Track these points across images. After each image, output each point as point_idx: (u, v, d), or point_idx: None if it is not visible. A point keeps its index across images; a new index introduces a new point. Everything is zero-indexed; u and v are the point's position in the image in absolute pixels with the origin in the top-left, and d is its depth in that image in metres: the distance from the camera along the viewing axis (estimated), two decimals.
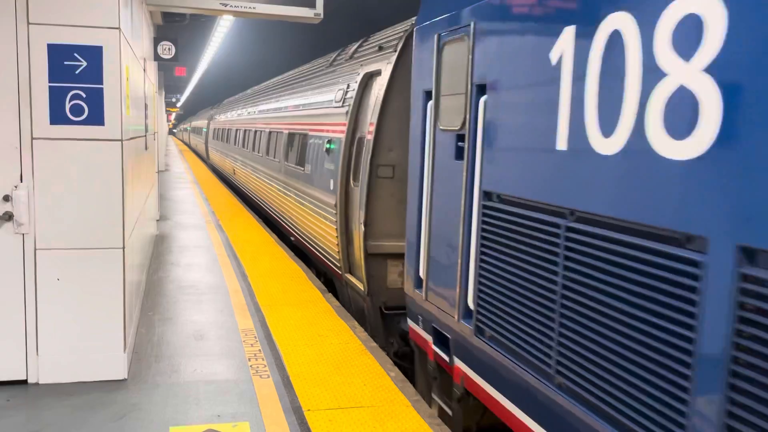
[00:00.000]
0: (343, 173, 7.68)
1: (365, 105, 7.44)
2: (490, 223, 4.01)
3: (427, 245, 4.98)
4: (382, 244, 6.94)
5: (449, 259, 4.63)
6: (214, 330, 6.26)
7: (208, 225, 12.71)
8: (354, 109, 7.62)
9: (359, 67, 7.91)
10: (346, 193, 7.66)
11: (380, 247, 6.94)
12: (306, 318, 6.78)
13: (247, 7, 6.57)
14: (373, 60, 7.49)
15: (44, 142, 4.65)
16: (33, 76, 4.58)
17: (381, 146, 6.81)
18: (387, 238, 6.94)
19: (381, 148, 6.82)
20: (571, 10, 3.28)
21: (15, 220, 4.66)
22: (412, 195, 5.32)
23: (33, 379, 4.83)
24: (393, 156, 6.86)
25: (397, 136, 6.79)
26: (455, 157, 4.49)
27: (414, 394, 4.94)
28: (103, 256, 4.83)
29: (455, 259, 4.51)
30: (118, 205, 4.84)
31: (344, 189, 7.66)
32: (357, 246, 7.25)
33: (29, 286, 4.74)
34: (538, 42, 3.54)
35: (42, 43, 4.56)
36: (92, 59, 4.64)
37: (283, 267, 9.18)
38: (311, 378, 5.18)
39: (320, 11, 6.74)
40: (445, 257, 4.71)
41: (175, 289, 7.76)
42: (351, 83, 7.99)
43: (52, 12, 4.56)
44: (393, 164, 6.88)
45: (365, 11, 16.35)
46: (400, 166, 6.81)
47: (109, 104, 4.72)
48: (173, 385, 4.92)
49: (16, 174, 4.65)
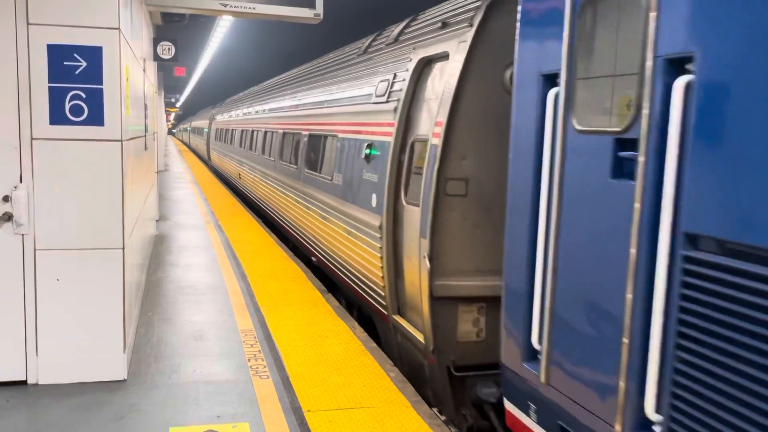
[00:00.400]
0: (392, 187, 6.14)
1: (420, 99, 5.99)
2: (704, 289, 2.50)
3: (551, 300, 3.46)
4: (453, 284, 5.25)
5: (598, 331, 3.15)
6: (213, 330, 6.26)
7: (208, 225, 12.71)
8: (405, 104, 6.10)
9: (410, 52, 6.35)
10: (394, 213, 6.13)
11: (450, 289, 5.25)
12: (306, 318, 6.77)
13: (247, 8, 6.57)
14: (434, 40, 5.90)
15: (44, 143, 4.65)
16: (33, 76, 4.57)
17: (451, 153, 5.22)
18: (458, 276, 5.28)
19: (452, 156, 5.22)
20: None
21: (14, 221, 4.66)
22: (517, 223, 3.90)
23: (32, 379, 4.83)
24: (467, 166, 5.26)
25: (473, 139, 5.25)
26: (611, 175, 3.06)
27: (414, 395, 4.94)
28: (103, 257, 4.83)
29: (614, 334, 3.02)
30: (118, 206, 4.83)
31: (392, 207, 6.13)
32: (412, 282, 5.71)
33: (29, 286, 4.74)
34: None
35: (42, 43, 4.56)
36: (92, 59, 4.64)
37: (282, 267, 9.18)
38: (311, 378, 5.18)
39: (320, 11, 6.74)
40: (588, 325, 3.22)
41: (174, 289, 7.76)
42: (398, 72, 6.46)
43: (51, 12, 4.55)
44: (466, 177, 5.25)
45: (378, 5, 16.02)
46: (476, 180, 5.29)
47: (109, 104, 4.71)
48: (173, 386, 4.92)
49: (16, 174, 4.64)
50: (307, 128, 10.01)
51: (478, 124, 5.25)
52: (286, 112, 12.12)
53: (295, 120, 11.18)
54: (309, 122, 9.99)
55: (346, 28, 18.06)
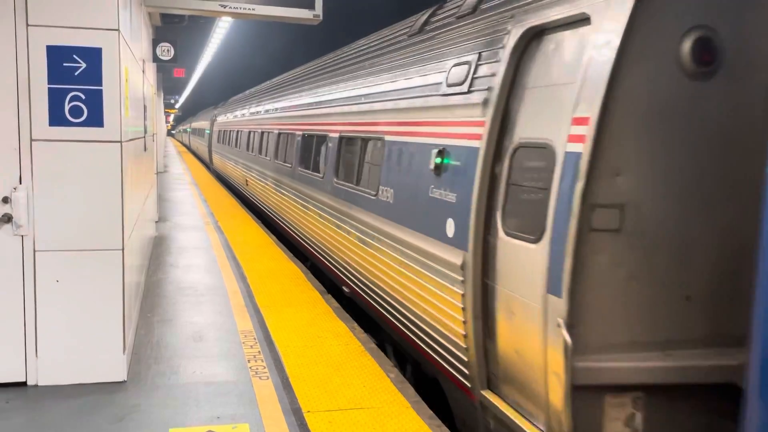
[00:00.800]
0: (481, 212, 4.45)
1: (525, 86, 4.27)
2: None
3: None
4: (600, 366, 3.59)
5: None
6: (213, 331, 6.26)
7: (207, 226, 12.71)
8: (503, 94, 4.38)
9: (506, 22, 4.59)
10: (484, 249, 4.46)
11: (596, 373, 3.59)
12: (305, 319, 6.78)
13: (246, 9, 6.58)
14: (550, 2, 4.15)
15: (43, 144, 4.65)
16: (32, 77, 4.58)
17: (600, 167, 3.52)
18: (607, 353, 3.61)
19: (600, 171, 3.52)
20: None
21: (14, 222, 4.65)
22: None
23: (32, 380, 4.83)
24: (623, 186, 3.55)
25: (633, 146, 3.55)
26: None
27: (414, 395, 4.94)
28: (103, 258, 4.83)
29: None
30: (118, 207, 4.83)
31: (481, 239, 4.46)
32: (518, 350, 4.09)
33: (28, 287, 4.74)
34: None
35: (41, 44, 4.56)
36: (91, 61, 4.64)
37: (282, 268, 9.18)
38: (311, 379, 5.18)
39: (319, 12, 6.75)
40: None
41: (174, 290, 7.76)
42: (486, 51, 4.75)
43: (51, 14, 4.56)
44: (621, 203, 3.56)
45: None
46: (635, 208, 3.56)
47: (108, 106, 4.71)
48: (173, 387, 4.92)
49: (15, 176, 4.64)
50: (337, 129, 8.24)
51: (641, 123, 3.54)
52: (306, 110, 10.20)
53: (318, 120, 9.30)
54: (339, 122, 8.21)
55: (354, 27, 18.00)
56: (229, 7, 6.53)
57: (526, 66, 4.29)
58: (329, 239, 8.23)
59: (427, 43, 6.14)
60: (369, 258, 6.60)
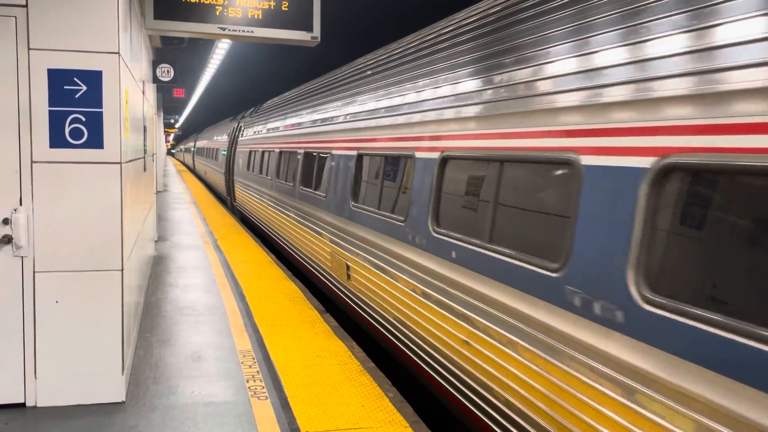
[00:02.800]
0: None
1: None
2: None
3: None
4: None
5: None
6: (212, 351, 6.26)
7: (206, 245, 12.73)
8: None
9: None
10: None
11: None
12: (304, 338, 6.78)
13: (245, 31, 6.65)
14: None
15: (44, 166, 4.69)
16: (33, 100, 4.63)
17: None
18: None
19: None
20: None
21: (14, 243, 4.68)
22: None
23: (31, 402, 4.83)
24: None
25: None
26: None
27: (412, 415, 4.94)
28: (102, 279, 4.85)
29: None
30: (117, 228, 4.87)
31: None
32: None
33: (28, 308, 4.76)
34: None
35: (42, 68, 4.62)
36: (92, 83, 4.70)
37: (280, 287, 9.19)
38: (309, 399, 5.17)
39: (317, 34, 6.82)
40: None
41: (173, 310, 7.77)
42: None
43: (52, 37, 4.62)
44: None
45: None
46: None
47: (109, 128, 4.76)
48: (171, 407, 4.92)
49: (16, 197, 4.68)
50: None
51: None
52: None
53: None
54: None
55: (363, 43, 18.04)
56: (228, 30, 6.61)
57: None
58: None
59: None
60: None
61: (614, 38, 3.40)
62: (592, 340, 3.31)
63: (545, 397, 3.71)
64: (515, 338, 4.02)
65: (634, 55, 3.23)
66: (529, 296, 3.91)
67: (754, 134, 2.50)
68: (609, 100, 3.33)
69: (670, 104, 2.94)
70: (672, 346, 2.80)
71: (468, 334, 4.61)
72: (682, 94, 2.89)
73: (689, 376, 2.70)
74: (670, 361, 2.81)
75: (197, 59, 20.05)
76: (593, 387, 3.28)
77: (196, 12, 6.53)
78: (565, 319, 3.55)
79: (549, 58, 3.97)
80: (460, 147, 4.96)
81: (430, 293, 5.28)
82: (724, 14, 2.75)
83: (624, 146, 3.19)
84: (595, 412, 3.27)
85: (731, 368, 2.51)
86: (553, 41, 3.99)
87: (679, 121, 2.87)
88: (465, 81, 5.03)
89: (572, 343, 3.48)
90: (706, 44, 2.80)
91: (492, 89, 4.56)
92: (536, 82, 4.03)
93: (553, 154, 3.76)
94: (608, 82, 3.37)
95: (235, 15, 6.62)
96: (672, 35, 3.01)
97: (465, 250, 4.73)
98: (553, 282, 3.68)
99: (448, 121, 5.20)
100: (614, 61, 3.36)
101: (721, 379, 2.55)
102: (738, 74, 2.62)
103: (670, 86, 2.97)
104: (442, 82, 5.44)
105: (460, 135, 4.99)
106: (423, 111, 5.71)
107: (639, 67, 3.17)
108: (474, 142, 4.74)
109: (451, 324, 4.87)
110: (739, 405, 2.47)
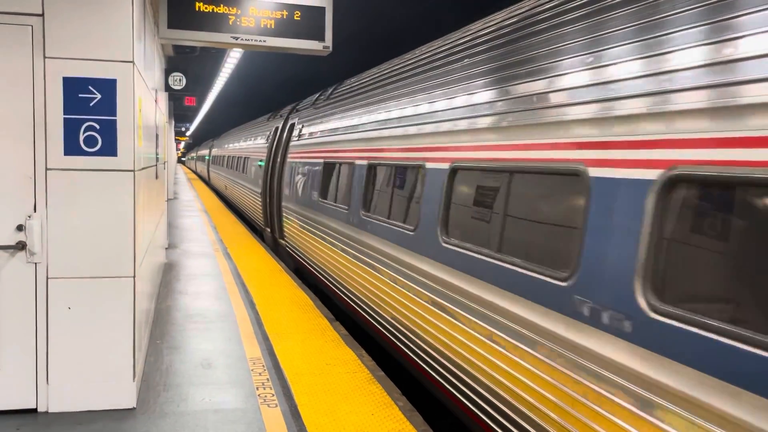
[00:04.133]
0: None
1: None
2: None
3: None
4: None
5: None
6: (222, 358, 6.28)
7: (217, 253, 12.77)
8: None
9: None
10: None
11: None
12: (314, 346, 6.78)
13: (258, 41, 6.70)
14: None
15: (58, 173, 4.74)
16: (48, 108, 4.68)
17: None
18: None
19: None
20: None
21: (28, 249, 4.72)
22: None
23: (42, 407, 4.85)
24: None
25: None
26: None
27: (422, 424, 4.93)
28: (114, 285, 4.88)
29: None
30: (130, 235, 4.90)
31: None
32: None
33: (41, 314, 4.79)
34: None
35: (58, 76, 4.67)
36: (106, 92, 4.74)
37: (290, 295, 9.20)
38: (319, 407, 5.18)
39: (329, 44, 6.86)
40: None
41: (183, 317, 7.79)
42: None
43: (68, 46, 4.67)
44: None
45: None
46: None
47: (122, 135, 4.81)
48: (182, 414, 4.93)
49: (30, 204, 4.73)
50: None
51: None
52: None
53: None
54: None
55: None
56: (240, 39, 6.66)
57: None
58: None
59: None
60: None
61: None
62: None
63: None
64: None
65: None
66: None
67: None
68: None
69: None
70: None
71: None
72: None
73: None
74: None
75: (209, 68, 20.16)
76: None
77: (209, 21, 6.59)
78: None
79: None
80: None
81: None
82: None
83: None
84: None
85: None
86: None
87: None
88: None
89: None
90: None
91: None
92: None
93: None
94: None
95: (248, 24, 6.67)
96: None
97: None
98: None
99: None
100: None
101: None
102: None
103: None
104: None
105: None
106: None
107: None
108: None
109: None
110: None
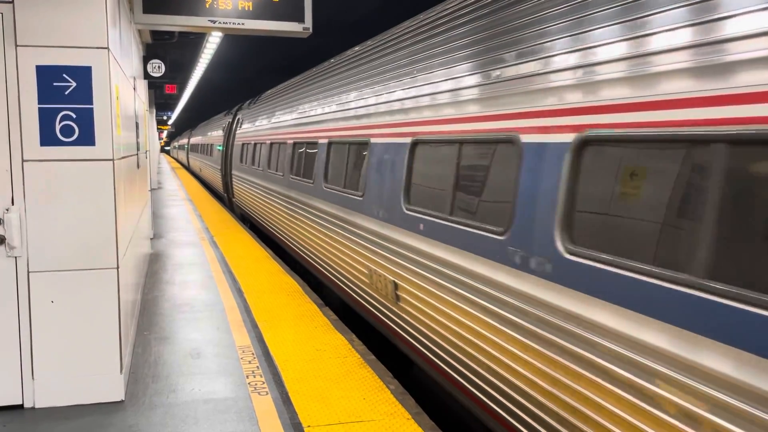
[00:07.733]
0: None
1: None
2: None
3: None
4: None
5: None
6: (211, 348, 6.22)
7: (203, 242, 12.67)
8: None
9: None
10: None
11: None
12: (304, 333, 6.74)
13: (236, 23, 6.58)
14: None
15: (35, 164, 4.63)
16: (22, 98, 4.56)
17: None
18: None
19: None
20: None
21: (7, 243, 4.62)
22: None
23: (29, 403, 4.78)
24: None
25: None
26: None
27: (414, 407, 4.91)
28: (98, 277, 4.80)
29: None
30: (111, 225, 4.81)
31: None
32: None
33: (23, 309, 4.70)
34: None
35: (30, 65, 4.54)
36: (81, 80, 4.62)
37: (278, 282, 9.14)
38: (310, 393, 5.14)
39: (309, 25, 6.75)
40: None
41: (170, 307, 7.72)
42: None
43: (39, 34, 4.54)
44: None
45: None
46: None
47: (100, 124, 4.70)
48: (171, 405, 4.88)
49: (8, 197, 4.62)
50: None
51: None
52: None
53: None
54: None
55: None
56: (218, 23, 6.53)
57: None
58: None
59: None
60: None
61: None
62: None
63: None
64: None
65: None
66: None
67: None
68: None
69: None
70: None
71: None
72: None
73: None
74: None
75: (189, 54, 19.91)
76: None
77: (185, 5, 6.45)
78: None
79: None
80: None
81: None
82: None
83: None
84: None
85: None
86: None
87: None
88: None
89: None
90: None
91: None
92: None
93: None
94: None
95: (225, 7, 6.54)
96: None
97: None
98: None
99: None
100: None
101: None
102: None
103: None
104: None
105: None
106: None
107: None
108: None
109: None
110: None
